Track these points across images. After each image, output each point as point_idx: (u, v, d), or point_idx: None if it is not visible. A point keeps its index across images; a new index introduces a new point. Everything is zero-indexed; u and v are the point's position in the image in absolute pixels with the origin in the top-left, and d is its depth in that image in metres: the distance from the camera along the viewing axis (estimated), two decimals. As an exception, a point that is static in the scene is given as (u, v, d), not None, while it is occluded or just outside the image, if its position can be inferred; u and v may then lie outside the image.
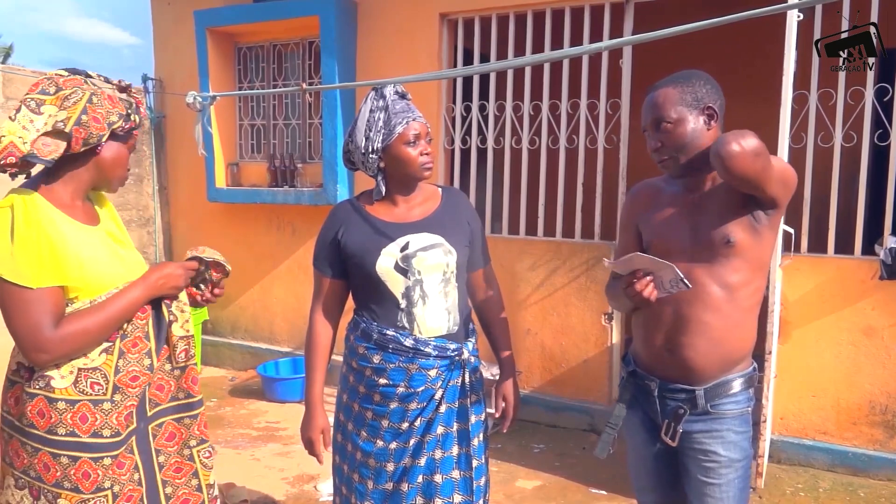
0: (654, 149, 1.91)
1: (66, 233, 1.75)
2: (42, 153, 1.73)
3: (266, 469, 4.00)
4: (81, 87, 1.79)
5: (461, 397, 2.19)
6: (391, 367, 2.14)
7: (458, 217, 2.25)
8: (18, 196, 1.73)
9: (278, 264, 5.75)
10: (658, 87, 1.91)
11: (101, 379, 1.78)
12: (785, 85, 3.42)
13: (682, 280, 1.76)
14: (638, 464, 2.14)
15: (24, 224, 1.69)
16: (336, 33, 5.05)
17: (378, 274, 2.12)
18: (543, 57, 3.34)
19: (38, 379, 1.74)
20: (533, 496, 3.67)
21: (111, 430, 1.78)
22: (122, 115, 1.83)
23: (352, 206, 2.25)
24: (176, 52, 6.02)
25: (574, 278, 4.55)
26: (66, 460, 1.74)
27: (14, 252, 1.68)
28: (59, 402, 1.74)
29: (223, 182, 5.83)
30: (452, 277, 2.18)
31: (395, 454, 2.16)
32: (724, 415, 1.93)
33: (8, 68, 5.25)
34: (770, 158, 1.73)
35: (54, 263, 1.71)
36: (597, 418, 4.51)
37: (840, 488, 3.73)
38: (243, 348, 5.97)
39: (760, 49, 5.26)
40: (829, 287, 3.84)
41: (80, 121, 1.75)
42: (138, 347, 1.85)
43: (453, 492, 2.16)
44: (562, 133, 4.55)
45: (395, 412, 2.15)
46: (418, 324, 2.14)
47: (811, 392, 3.93)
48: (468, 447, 2.18)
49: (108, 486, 1.78)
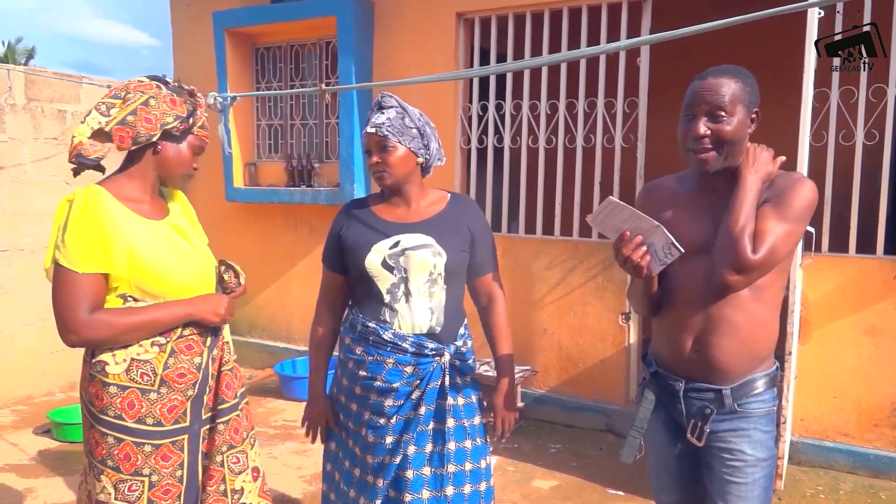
0: (698, 136, 1.81)
1: (122, 224, 1.88)
2: (87, 153, 1.91)
3: (283, 467, 4.02)
4: (147, 90, 1.95)
5: (440, 398, 2.24)
6: (370, 359, 2.23)
7: (459, 222, 2.29)
8: (82, 191, 1.88)
9: (295, 264, 5.77)
10: (719, 75, 1.82)
11: (150, 371, 1.91)
12: (805, 82, 3.39)
13: (674, 244, 1.71)
14: (658, 464, 2.13)
15: (80, 214, 1.84)
16: (353, 33, 5.07)
17: (367, 268, 2.21)
18: (560, 57, 3.34)
19: (96, 363, 1.89)
20: (550, 496, 3.66)
21: (154, 420, 1.91)
22: (180, 118, 1.98)
23: (359, 203, 2.37)
24: (194, 53, 6.06)
25: (591, 278, 4.53)
26: (112, 440, 1.89)
27: (65, 238, 1.84)
28: (111, 387, 1.88)
29: (241, 182, 5.87)
30: (440, 279, 2.23)
31: (374, 448, 2.23)
32: (751, 413, 1.91)
33: (30, 70, 5.31)
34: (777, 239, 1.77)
35: (102, 252, 1.84)
36: (614, 418, 4.49)
37: (861, 490, 3.68)
38: (261, 347, 6.01)
39: (781, 47, 5.21)
40: (850, 287, 3.80)
41: (126, 121, 1.90)
42: (193, 351, 1.99)
43: (422, 488, 2.21)
44: (579, 132, 4.54)
45: (375, 406, 2.23)
46: (399, 319, 2.21)
47: (832, 393, 3.89)
48: (442, 446, 2.23)
49: (146, 472, 1.91)
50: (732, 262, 1.75)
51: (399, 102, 2.25)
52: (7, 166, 4.91)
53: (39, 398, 5.11)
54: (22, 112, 4.99)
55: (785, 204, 1.80)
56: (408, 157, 2.22)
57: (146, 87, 1.97)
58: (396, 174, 2.21)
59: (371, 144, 2.21)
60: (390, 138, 2.18)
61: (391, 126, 2.19)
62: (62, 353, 5.16)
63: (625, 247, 1.77)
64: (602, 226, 1.82)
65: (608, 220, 1.80)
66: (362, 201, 2.37)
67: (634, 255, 1.76)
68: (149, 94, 1.95)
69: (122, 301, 1.90)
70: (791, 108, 3.56)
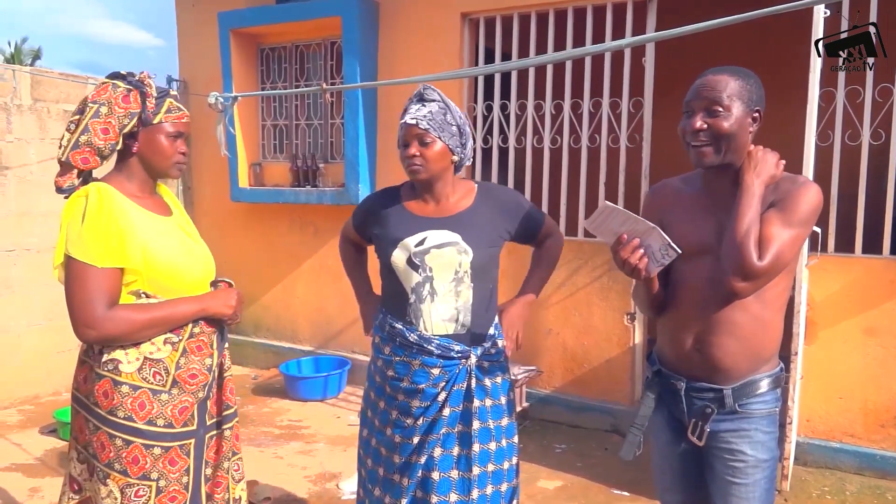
0: (695, 130, 1.83)
1: (135, 220, 1.89)
2: (61, 184, 1.94)
3: (288, 467, 4.03)
4: (100, 97, 1.93)
5: (466, 401, 2.20)
6: (396, 360, 2.21)
7: (489, 216, 2.26)
8: (94, 186, 1.89)
9: (301, 264, 5.78)
10: (719, 73, 1.84)
11: (162, 371, 1.89)
12: (811, 82, 3.38)
13: (671, 245, 1.73)
14: (662, 464, 2.13)
15: (95, 209, 1.84)
16: (358, 33, 5.07)
17: (393, 265, 2.20)
18: (565, 54, 3.33)
19: (107, 362, 1.86)
20: (555, 496, 3.66)
21: (165, 421, 1.89)
22: (134, 115, 1.94)
23: (393, 192, 2.34)
24: (200, 54, 6.07)
25: (596, 278, 4.53)
26: (121, 442, 1.85)
27: (82, 233, 1.82)
28: (123, 386, 1.85)
29: (246, 182, 5.88)
30: (466, 277, 2.19)
31: (401, 448, 2.22)
32: (752, 414, 1.91)
33: (36, 70, 5.33)
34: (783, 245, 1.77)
35: (119, 246, 1.83)
36: (619, 419, 4.48)
37: (867, 491, 3.67)
38: (266, 347, 6.01)
39: (786, 47, 5.19)
40: (856, 287, 3.78)
41: (79, 143, 1.91)
42: (203, 352, 1.98)
43: (450, 491, 2.18)
44: (584, 132, 4.53)
45: (402, 406, 2.21)
46: (424, 320, 2.18)
47: (838, 394, 3.88)
48: (469, 449, 2.19)
49: (154, 476, 1.87)
50: (738, 269, 1.75)
51: (442, 97, 2.20)
52: (13, 166, 4.93)
53: (45, 398, 5.13)
54: (28, 112, 5.01)
55: (790, 208, 1.79)
56: (445, 154, 2.18)
57: (100, 93, 1.94)
58: (432, 169, 2.17)
59: (409, 136, 2.16)
60: (430, 132, 2.14)
61: (433, 120, 2.14)
62: (68, 353, 5.19)
63: (622, 250, 1.79)
64: (599, 230, 1.84)
65: (605, 225, 1.81)
66: (394, 191, 2.34)
67: (632, 257, 1.78)
68: (100, 103, 1.92)
69: (135, 297, 1.89)
70: (797, 108, 3.55)
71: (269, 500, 3.58)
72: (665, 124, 4.46)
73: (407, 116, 2.16)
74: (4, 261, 4.91)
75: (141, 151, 1.97)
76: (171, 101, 2.01)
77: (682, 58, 4.79)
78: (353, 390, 5.36)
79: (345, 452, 4.20)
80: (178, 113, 2.01)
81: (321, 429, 4.62)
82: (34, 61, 26.62)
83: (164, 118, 1.98)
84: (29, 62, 25.56)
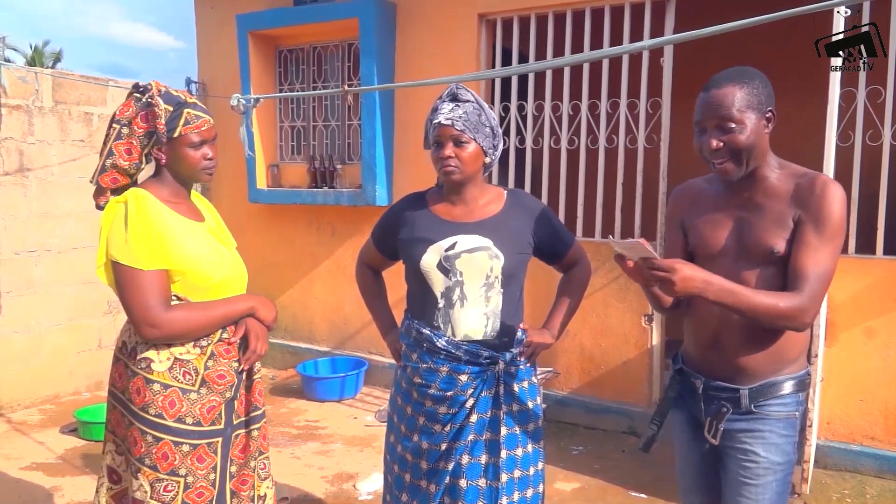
0: (713, 149, 1.80)
1: (172, 224, 1.97)
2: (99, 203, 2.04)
3: (306, 467, 4.04)
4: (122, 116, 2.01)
5: (494, 408, 2.17)
6: (423, 366, 2.18)
7: (518, 222, 2.23)
8: (132, 192, 1.97)
9: (318, 264, 5.80)
10: (722, 85, 1.80)
11: (192, 371, 1.96)
12: (832, 82, 3.35)
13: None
14: (684, 464, 2.12)
15: (137, 214, 1.91)
16: (375, 35, 5.08)
17: (422, 269, 2.17)
18: (583, 57, 3.32)
19: (140, 360, 1.93)
20: (572, 498, 3.65)
21: (193, 419, 1.95)
22: (152, 133, 2.00)
23: (419, 198, 2.31)
24: (219, 56, 6.12)
25: (613, 279, 4.51)
26: (151, 439, 1.93)
27: (129, 239, 1.90)
28: (154, 384, 1.93)
29: (264, 183, 5.91)
30: (497, 283, 2.16)
31: (428, 454, 2.19)
32: (769, 416, 1.89)
33: (57, 73, 5.38)
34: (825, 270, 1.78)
35: (161, 249, 1.91)
36: (637, 420, 4.46)
37: (888, 495, 3.63)
38: (283, 347, 6.04)
39: (807, 47, 5.14)
40: (877, 289, 3.75)
41: (105, 167, 2.01)
42: (231, 355, 2.03)
43: (477, 500, 2.14)
44: (601, 133, 4.52)
45: (429, 412, 2.18)
46: (453, 325, 2.15)
47: (859, 396, 3.84)
48: (497, 458, 2.15)
49: (182, 473, 1.94)
50: (793, 326, 1.80)
51: (476, 97, 2.18)
52: (35, 168, 4.99)
53: (66, 397, 5.18)
54: (49, 114, 5.07)
55: (823, 223, 1.77)
56: (478, 155, 2.16)
57: (124, 110, 2.01)
58: (467, 171, 2.14)
59: (444, 137, 2.12)
60: (466, 133, 2.10)
61: (468, 121, 2.11)
62: (89, 353, 5.25)
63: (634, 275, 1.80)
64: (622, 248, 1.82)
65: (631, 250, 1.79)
66: (420, 197, 2.31)
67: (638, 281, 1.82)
68: (122, 123, 2.00)
69: (175, 299, 1.96)
70: (818, 109, 3.52)
71: (286, 500, 3.59)
72: (683, 125, 4.43)
73: (441, 116, 2.12)
74: (26, 261, 4.97)
75: (168, 163, 2.05)
76: (189, 110, 2.01)
77: (702, 57, 4.76)
78: (370, 391, 5.37)
79: (361, 453, 4.22)
80: (197, 122, 2.02)
81: (338, 429, 4.64)
82: (55, 63, 26.91)
83: (182, 130, 2.00)
84: (50, 64, 25.84)
